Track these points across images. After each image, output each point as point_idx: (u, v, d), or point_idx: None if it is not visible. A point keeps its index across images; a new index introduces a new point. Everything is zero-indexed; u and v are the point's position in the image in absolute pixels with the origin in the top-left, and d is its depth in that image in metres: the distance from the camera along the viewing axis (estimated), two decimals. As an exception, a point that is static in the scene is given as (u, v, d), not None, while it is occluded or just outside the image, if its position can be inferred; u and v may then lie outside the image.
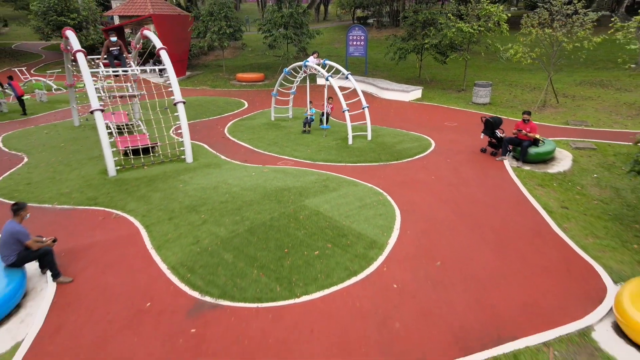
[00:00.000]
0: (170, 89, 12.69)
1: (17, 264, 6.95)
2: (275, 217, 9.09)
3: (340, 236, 8.46)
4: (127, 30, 33.84)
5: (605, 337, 6.06)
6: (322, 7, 62.51)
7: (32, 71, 31.34)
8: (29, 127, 17.05)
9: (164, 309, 6.68)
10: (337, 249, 8.06)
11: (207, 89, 26.58)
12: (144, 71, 25.81)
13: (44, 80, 24.67)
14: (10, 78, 18.64)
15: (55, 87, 24.48)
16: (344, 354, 5.78)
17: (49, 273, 7.35)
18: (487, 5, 21.08)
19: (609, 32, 17.06)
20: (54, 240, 7.41)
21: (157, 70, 26.33)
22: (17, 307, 6.77)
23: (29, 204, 8.22)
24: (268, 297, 6.82)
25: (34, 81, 24.94)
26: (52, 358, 5.83)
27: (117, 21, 34.52)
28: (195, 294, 6.96)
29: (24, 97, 18.75)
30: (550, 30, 17.94)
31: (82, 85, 19.39)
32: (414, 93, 21.83)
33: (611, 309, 6.50)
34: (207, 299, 6.86)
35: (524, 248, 8.24)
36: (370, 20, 51.69)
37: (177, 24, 29.42)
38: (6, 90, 20.36)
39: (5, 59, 35.87)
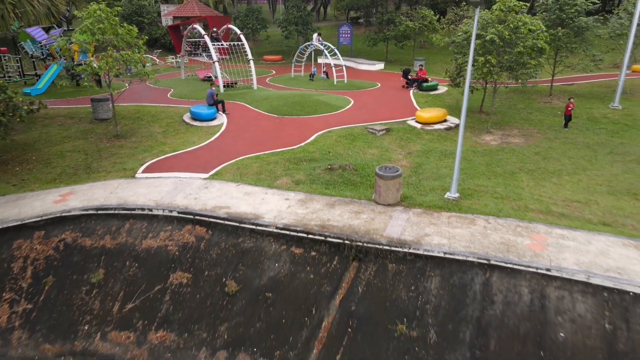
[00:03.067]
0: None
1: (212, 105, 19.88)
2: (301, 100, 22.04)
3: (327, 104, 21.44)
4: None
5: (410, 122, 19.03)
6: (322, 9, 75.25)
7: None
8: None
9: (266, 117, 19.69)
10: (326, 107, 21.03)
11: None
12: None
13: (150, 56, 37.57)
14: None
15: (158, 61, 37.42)
16: (327, 123, 18.75)
17: (221, 113, 20.26)
18: (424, 10, 34.01)
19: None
20: (223, 101, 20.37)
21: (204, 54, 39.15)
22: (214, 119, 19.63)
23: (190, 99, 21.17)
24: (302, 115, 19.82)
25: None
26: (235, 124, 18.81)
27: (166, 21, 47.08)
28: (274, 117, 19.93)
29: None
30: (454, 26, 30.82)
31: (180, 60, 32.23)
32: (378, 66, 34.76)
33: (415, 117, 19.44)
34: (280, 116, 19.84)
35: (399, 108, 21.23)
36: (361, 20, 64.43)
37: (222, 22, 42.25)
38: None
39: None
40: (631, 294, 8.11)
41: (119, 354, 9.17)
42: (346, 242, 9.99)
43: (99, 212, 11.57)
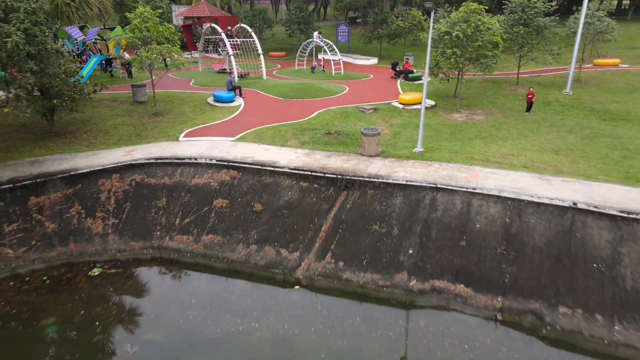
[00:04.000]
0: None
1: (230, 90, 24.08)
2: (304, 87, 26.25)
3: (326, 91, 25.66)
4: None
5: (394, 103, 23.24)
6: (322, 10, 79.40)
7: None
8: (177, 72, 34.15)
9: (276, 100, 23.92)
10: (325, 93, 25.25)
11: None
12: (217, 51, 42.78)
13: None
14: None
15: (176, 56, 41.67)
16: (326, 104, 22.96)
17: (239, 97, 24.46)
18: (413, 11, 38.18)
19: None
20: (240, 87, 24.57)
21: (219, 49, 43.24)
22: (233, 101, 23.83)
23: (211, 87, 25.40)
24: (305, 98, 24.03)
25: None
26: (251, 105, 23.03)
27: (176, 20, 51.09)
28: (282, 100, 24.13)
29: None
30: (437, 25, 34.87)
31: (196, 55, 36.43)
32: (372, 61, 38.96)
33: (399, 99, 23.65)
34: (287, 99, 24.04)
35: (387, 93, 25.43)
36: (359, 20, 68.60)
37: (231, 22, 46.40)
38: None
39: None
40: (525, 201, 12.28)
41: (183, 248, 13.33)
42: (339, 177, 14.18)
43: (158, 161, 15.77)
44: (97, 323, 10.66)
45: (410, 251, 12.15)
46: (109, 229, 13.92)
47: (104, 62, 31.28)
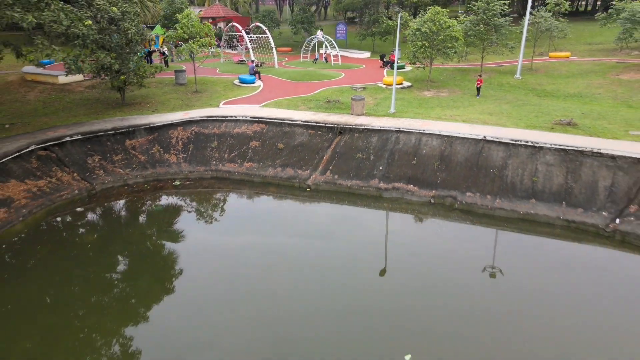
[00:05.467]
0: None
1: (252, 74, 30.85)
2: (309, 73, 33.06)
3: (326, 76, 32.49)
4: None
5: (379, 84, 30.03)
6: (323, 10, 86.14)
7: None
8: (205, 62, 40.84)
9: (287, 82, 30.73)
10: (325, 77, 32.06)
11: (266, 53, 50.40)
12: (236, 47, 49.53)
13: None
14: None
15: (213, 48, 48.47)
16: (326, 85, 29.74)
17: (258, 80, 31.24)
18: (401, 12, 44.92)
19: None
20: (259, 72, 31.35)
21: (238, 46, 49.97)
22: (254, 83, 30.58)
23: (235, 74, 32.20)
24: (310, 81, 30.83)
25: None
26: (268, 85, 29.82)
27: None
28: (292, 82, 30.92)
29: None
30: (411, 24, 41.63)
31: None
32: (365, 54, 45.77)
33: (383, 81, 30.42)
34: (296, 82, 30.83)
35: (374, 77, 32.21)
36: (357, 20, 75.34)
37: (244, 21, 53.20)
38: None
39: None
40: (455, 136, 19.02)
41: (232, 170, 20.10)
42: (335, 126, 20.94)
43: (209, 118, 22.53)
44: (187, 201, 17.45)
45: (381, 168, 18.91)
46: (181, 160, 20.70)
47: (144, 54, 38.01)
